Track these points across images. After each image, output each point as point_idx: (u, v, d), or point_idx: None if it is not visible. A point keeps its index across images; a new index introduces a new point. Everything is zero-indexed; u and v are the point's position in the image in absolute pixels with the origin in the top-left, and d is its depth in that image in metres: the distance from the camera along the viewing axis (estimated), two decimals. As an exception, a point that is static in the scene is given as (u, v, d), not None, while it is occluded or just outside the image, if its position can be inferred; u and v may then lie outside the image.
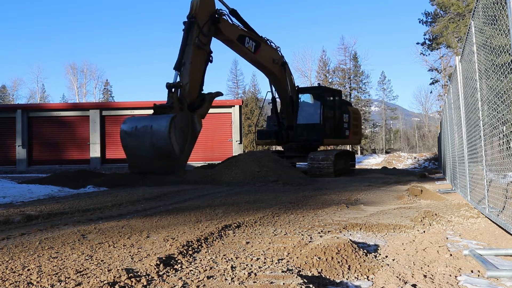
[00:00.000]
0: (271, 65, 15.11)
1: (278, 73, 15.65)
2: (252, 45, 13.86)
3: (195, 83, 11.68)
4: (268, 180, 11.30)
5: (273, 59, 15.15)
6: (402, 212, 5.75)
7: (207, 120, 23.34)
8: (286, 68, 16.02)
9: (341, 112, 17.54)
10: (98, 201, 7.40)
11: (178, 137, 10.05)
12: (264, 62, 14.78)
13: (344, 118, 17.69)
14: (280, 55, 15.67)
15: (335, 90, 18.70)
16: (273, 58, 15.17)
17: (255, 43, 13.99)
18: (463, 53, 5.88)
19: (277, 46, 15.42)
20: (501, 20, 3.27)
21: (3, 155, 22.14)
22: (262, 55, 14.40)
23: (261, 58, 14.45)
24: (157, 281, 2.58)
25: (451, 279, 2.68)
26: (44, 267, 2.97)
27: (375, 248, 3.59)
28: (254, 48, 13.91)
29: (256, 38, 14.10)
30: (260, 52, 14.27)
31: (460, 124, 6.75)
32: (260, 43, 14.28)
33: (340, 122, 17.37)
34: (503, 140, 3.79)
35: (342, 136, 17.60)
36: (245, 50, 13.73)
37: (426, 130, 64.25)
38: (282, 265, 2.97)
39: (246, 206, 6.59)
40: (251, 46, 13.80)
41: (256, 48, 14.02)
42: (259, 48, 14.16)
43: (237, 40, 13.31)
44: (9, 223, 5.02)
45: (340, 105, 17.71)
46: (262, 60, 14.58)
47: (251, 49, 13.79)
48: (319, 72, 58.74)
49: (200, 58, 11.81)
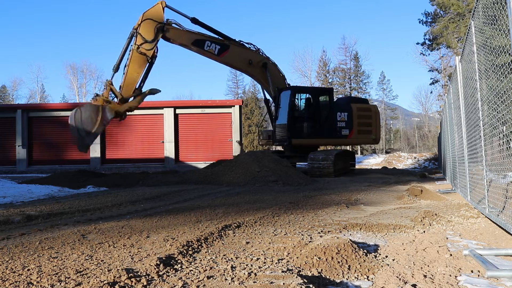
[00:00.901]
0: (246, 66, 15.90)
1: (257, 74, 16.33)
2: (215, 48, 14.93)
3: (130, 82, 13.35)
4: (268, 180, 11.30)
5: (249, 60, 15.78)
6: (402, 212, 5.75)
7: (207, 120, 23.57)
8: (269, 68, 16.32)
9: (332, 110, 16.89)
10: (98, 201, 7.40)
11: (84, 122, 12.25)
12: (235, 63, 15.90)
13: (340, 116, 17.00)
14: (262, 56, 16.16)
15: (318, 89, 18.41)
16: (249, 59, 15.79)
17: (220, 46, 15.00)
18: (463, 53, 5.88)
19: (257, 48, 16.07)
20: (501, 20, 3.27)
21: (3, 155, 22.12)
22: (230, 57, 15.31)
23: (229, 60, 15.43)
24: (157, 281, 2.58)
25: (451, 279, 2.68)
26: (44, 267, 2.97)
27: (375, 248, 3.59)
28: (218, 50, 14.98)
29: (222, 42, 15.08)
30: (228, 54, 15.20)
31: (460, 124, 6.75)
32: (229, 45, 15.16)
33: (328, 121, 16.78)
34: (503, 140, 3.79)
35: (332, 135, 16.95)
36: (205, 53, 14.91)
37: (426, 130, 64.26)
38: (282, 265, 2.97)
39: (246, 206, 6.59)
40: (213, 49, 14.91)
41: (222, 50, 15.06)
42: (227, 51, 15.12)
43: (192, 45, 14.56)
44: (9, 223, 5.02)
45: (330, 103, 17.10)
46: (231, 61, 15.60)
47: (213, 51, 14.91)
48: (319, 72, 58.71)
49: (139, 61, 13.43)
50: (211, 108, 23.21)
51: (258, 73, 16.29)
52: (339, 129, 17.06)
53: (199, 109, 23.06)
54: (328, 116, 16.87)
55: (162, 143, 22.13)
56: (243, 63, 15.81)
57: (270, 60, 16.41)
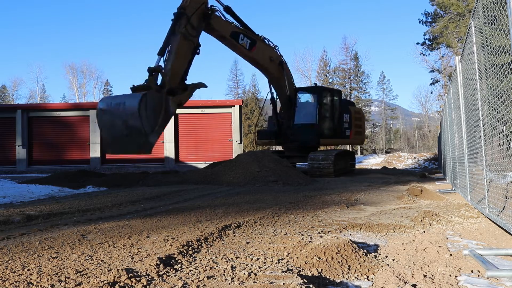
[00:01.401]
0: (268, 63, 15.34)
1: (275, 72, 15.84)
2: (247, 42, 14.04)
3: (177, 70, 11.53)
4: (268, 180, 11.30)
5: (270, 57, 15.32)
6: (402, 212, 5.75)
7: (207, 120, 23.57)
8: (284, 67, 16.08)
9: (341, 112, 17.45)
10: (98, 201, 7.40)
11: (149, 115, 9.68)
12: (260, 60, 15.03)
13: (344, 118, 17.58)
14: (278, 54, 15.78)
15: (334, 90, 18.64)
16: (270, 56, 15.33)
17: (250, 40, 14.16)
18: (463, 53, 5.87)
19: (274, 45, 15.58)
20: (501, 20, 3.27)
21: (3, 155, 22.12)
22: (257, 52, 14.62)
23: (256, 56, 14.69)
24: (157, 281, 2.58)
25: (451, 279, 2.68)
26: (44, 267, 2.97)
27: (375, 248, 3.59)
28: (249, 45, 14.11)
29: (252, 36, 14.28)
30: (256, 49, 14.47)
31: (460, 124, 6.75)
32: (256, 41, 14.47)
33: (339, 122, 17.28)
34: (503, 140, 3.79)
35: (342, 136, 17.49)
36: (239, 46, 13.92)
37: (426, 130, 64.25)
38: (282, 265, 2.97)
39: (246, 206, 6.59)
40: (246, 43, 14.00)
41: (252, 45, 14.23)
42: (255, 46, 14.37)
43: (230, 37, 13.47)
44: (9, 223, 5.02)
45: (340, 104, 17.61)
46: (258, 57, 14.81)
47: (245, 46, 14.00)
48: (319, 72, 58.70)
49: (186, 48, 11.71)
50: (211, 108, 23.21)
51: (275, 72, 15.80)
52: (344, 129, 17.59)
53: (199, 109, 23.06)
54: (340, 117, 17.41)
55: (162, 143, 22.13)
56: (266, 60, 15.20)
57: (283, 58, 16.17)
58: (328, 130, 16.69)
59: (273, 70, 15.64)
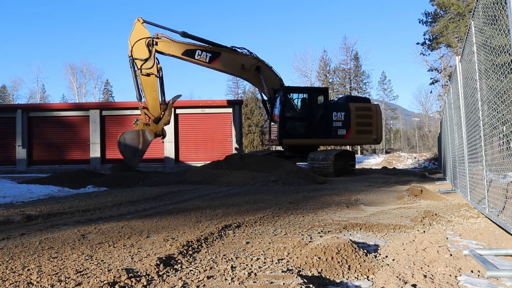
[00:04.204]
0: (240, 70, 16.57)
1: (251, 78, 16.86)
2: (206, 56, 15.87)
3: (154, 103, 14.71)
4: (268, 180, 11.30)
5: (242, 64, 16.36)
6: (402, 212, 5.75)
7: (207, 120, 23.56)
8: (262, 71, 16.67)
9: (328, 110, 16.77)
10: (98, 201, 7.40)
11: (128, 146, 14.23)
12: (226, 69, 16.67)
13: (335, 116, 16.81)
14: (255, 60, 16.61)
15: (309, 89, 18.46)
16: (242, 64, 16.35)
17: (211, 53, 15.92)
18: (463, 53, 5.87)
19: (250, 52, 16.61)
20: (501, 20, 3.27)
21: (3, 155, 22.11)
22: (221, 63, 16.13)
23: (220, 66, 16.24)
24: (157, 281, 2.58)
25: (451, 279, 2.68)
26: (44, 267, 2.97)
27: (375, 248, 3.59)
28: (209, 58, 15.92)
29: (215, 49, 15.96)
30: (219, 61, 16.06)
31: (460, 124, 6.75)
32: (220, 52, 15.99)
33: (322, 121, 16.66)
34: (503, 140, 3.79)
35: (329, 136, 16.82)
36: (196, 61, 15.79)
37: (426, 130, 64.24)
38: (282, 265, 2.97)
39: (246, 206, 6.59)
40: (205, 57, 15.87)
41: (213, 58, 15.97)
42: (218, 58, 16.01)
43: (183, 55, 15.56)
44: (9, 223, 5.02)
45: (325, 103, 16.97)
46: (223, 67, 16.40)
47: (204, 60, 15.85)
48: (320, 72, 58.72)
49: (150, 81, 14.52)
50: (211, 108, 23.22)
51: (252, 77, 16.84)
52: (334, 129, 16.89)
53: (199, 109, 23.07)
54: (322, 116, 16.76)
55: (162, 143, 22.13)
56: (236, 68, 16.49)
57: (264, 63, 16.81)
58: (294, 130, 16.46)
59: (247, 76, 16.81)
